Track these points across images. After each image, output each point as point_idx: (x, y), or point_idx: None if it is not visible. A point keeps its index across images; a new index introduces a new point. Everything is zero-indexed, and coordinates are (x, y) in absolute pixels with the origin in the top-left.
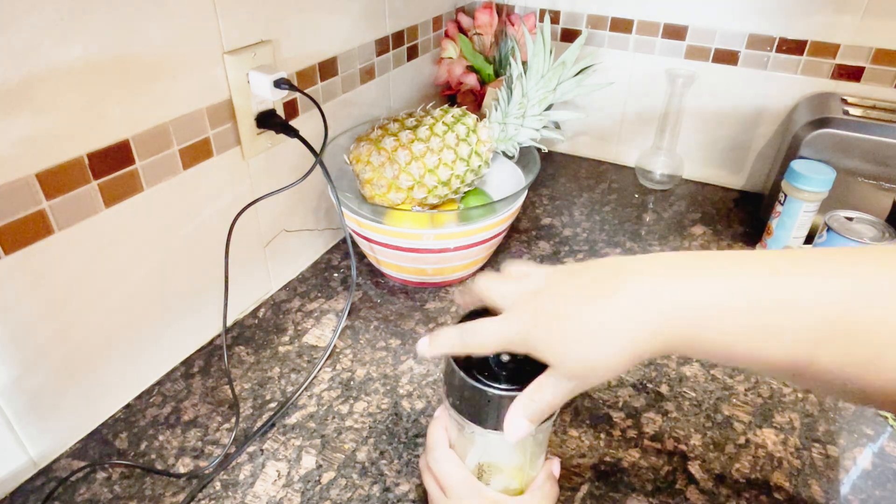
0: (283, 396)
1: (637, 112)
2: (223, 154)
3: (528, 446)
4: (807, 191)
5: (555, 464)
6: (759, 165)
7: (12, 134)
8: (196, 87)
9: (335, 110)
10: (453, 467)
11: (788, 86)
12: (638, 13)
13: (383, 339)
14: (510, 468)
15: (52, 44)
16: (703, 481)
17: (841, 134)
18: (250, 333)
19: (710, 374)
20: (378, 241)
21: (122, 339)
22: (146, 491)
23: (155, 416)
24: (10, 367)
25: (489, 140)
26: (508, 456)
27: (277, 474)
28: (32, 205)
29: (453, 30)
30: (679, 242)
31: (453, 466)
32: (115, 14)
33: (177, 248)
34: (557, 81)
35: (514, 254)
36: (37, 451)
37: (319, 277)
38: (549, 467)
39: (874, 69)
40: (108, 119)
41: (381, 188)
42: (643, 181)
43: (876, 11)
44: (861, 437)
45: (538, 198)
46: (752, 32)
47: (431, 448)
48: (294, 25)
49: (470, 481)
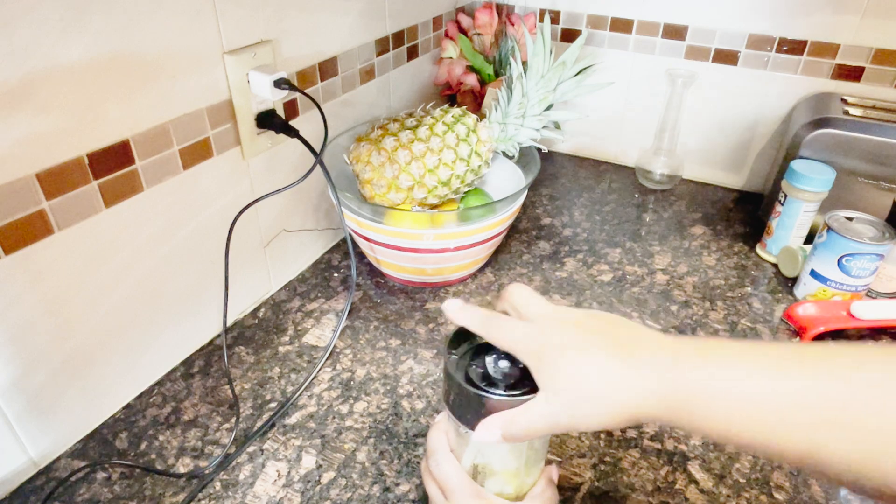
0: (283, 396)
1: (637, 112)
2: (223, 154)
3: (523, 452)
4: (807, 191)
5: (553, 470)
6: (759, 165)
7: (12, 134)
8: (196, 87)
9: (335, 110)
10: (454, 470)
11: (788, 86)
12: (638, 13)
13: (383, 339)
14: (504, 472)
15: (52, 44)
16: (703, 481)
17: (841, 134)
18: (250, 333)
19: None
20: (378, 241)
21: (122, 339)
22: (146, 491)
23: (155, 416)
24: (10, 367)
25: (489, 140)
26: (502, 460)
27: (277, 474)
28: (32, 205)
29: (453, 30)
30: (679, 242)
31: (454, 469)
32: (115, 14)
33: (177, 248)
34: (557, 81)
35: (514, 253)
36: (37, 451)
37: (319, 277)
38: (548, 473)
39: (874, 69)
40: (108, 119)
41: (381, 188)
42: (643, 181)
43: (876, 11)
44: None
45: (538, 198)
46: (752, 32)
47: (432, 452)
48: (294, 25)
49: (470, 484)
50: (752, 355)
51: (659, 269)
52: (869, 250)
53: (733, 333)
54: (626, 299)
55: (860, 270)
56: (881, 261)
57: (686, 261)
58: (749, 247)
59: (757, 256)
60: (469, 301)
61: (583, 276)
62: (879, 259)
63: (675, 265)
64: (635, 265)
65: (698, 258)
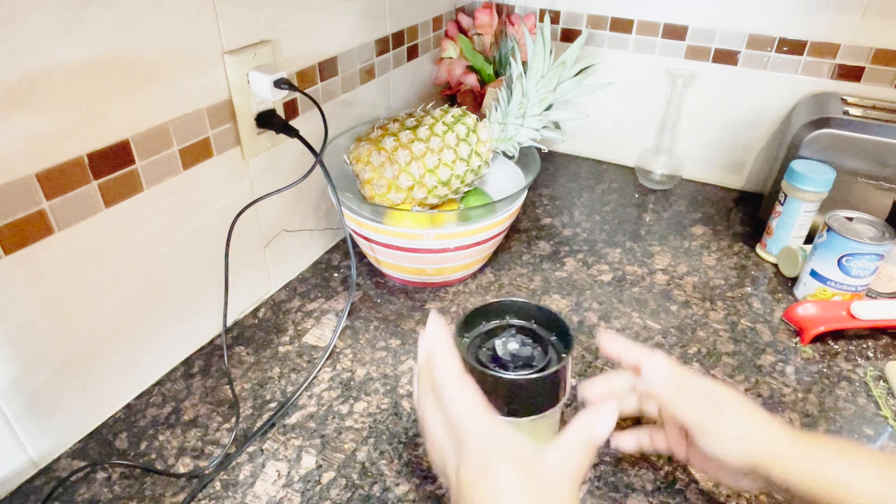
0: (283, 396)
1: (637, 112)
2: (223, 154)
3: (524, 430)
4: (807, 191)
5: (600, 417)
6: (759, 165)
7: (12, 134)
8: (196, 87)
9: (335, 110)
10: (472, 401)
11: (788, 86)
12: (638, 13)
13: (383, 339)
14: None
15: (52, 44)
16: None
17: (841, 134)
18: (250, 333)
19: (710, 374)
20: (378, 241)
21: (122, 339)
22: (146, 491)
23: (155, 416)
24: (10, 367)
25: (489, 140)
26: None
27: (277, 474)
28: (32, 205)
29: (453, 30)
30: (679, 242)
31: (472, 400)
32: (115, 14)
33: (177, 248)
34: (557, 81)
35: (514, 253)
36: (37, 451)
37: (319, 277)
38: (586, 422)
39: (874, 69)
40: (108, 119)
41: (381, 188)
42: (643, 181)
43: (876, 11)
44: (861, 437)
45: (538, 198)
46: (752, 32)
47: (443, 385)
48: (294, 25)
49: (498, 420)
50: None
51: (659, 269)
52: (869, 250)
53: (733, 333)
54: (626, 299)
55: (860, 270)
56: (881, 261)
57: (686, 261)
58: (749, 247)
59: (757, 256)
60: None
61: (583, 276)
62: (879, 259)
63: (675, 265)
64: (635, 265)
65: (698, 258)
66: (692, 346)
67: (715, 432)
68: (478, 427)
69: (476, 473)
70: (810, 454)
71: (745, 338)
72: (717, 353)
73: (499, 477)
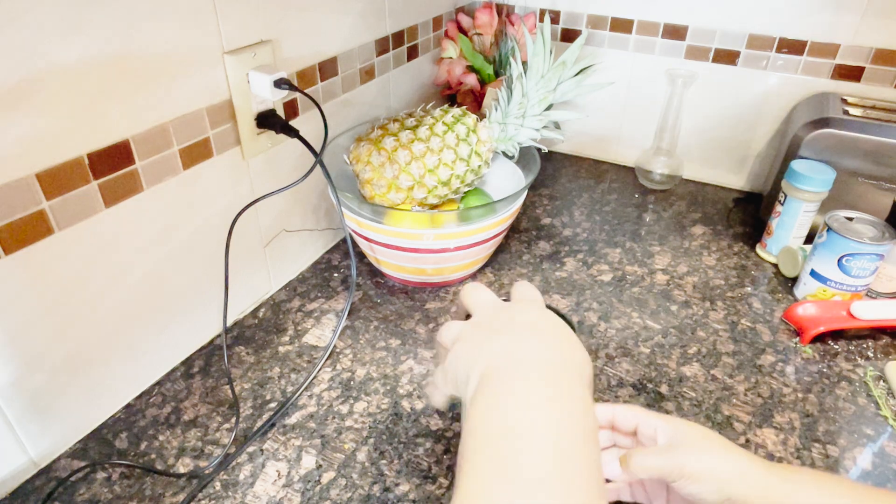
0: (283, 396)
1: (637, 112)
2: (223, 154)
3: None
4: (807, 191)
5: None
6: (759, 165)
7: (12, 134)
8: (196, 87)
9: (335, 110)
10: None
11: (788, 86)
12: (638, 13)
13: (383, 339)
14: None
15: (52, 44)
16: None
17: (841, 134)
18: (250, 333)
19: (710, 374)
20: (378, 241)
21: (122, 339)
22: (146, 491)
23: (155, 416)
24: (10, 367)
25: (489, 140)
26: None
27: (277, 474)
28: (32, 205)
29: (453, 30)
30: (679, 242)
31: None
32: (115, 14)
33: (177, 248)
34: (557, 81)
35: (514, 254)
36: (37, 451)
37: (319, 277)
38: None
39: (874, 69)
40: (108, 119)
41: (381, 188)
42: (643, 181)
43: (876, 11)
44: (861, 437)
45: (538, 198)
46: (752, 32)
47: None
48: (294, 25)
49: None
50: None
51: (659, 269)
52: (869, 250)
53: (733, 333)
54: (625, 299)
55: (860, 270)
56: (881, 261)
57: (686, 261)
58: (749, 247)
59: (757, 256)
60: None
61: (583, 276)
62: (879, 259)
63: (675, 265)
64: (635, 265)
65: (698, 258)
66: (692, 346)
67: (689, 475)
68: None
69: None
70: (783, 485)
71: (745, 338)
72: (716, 353)
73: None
